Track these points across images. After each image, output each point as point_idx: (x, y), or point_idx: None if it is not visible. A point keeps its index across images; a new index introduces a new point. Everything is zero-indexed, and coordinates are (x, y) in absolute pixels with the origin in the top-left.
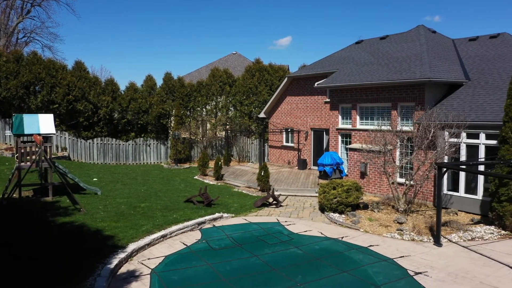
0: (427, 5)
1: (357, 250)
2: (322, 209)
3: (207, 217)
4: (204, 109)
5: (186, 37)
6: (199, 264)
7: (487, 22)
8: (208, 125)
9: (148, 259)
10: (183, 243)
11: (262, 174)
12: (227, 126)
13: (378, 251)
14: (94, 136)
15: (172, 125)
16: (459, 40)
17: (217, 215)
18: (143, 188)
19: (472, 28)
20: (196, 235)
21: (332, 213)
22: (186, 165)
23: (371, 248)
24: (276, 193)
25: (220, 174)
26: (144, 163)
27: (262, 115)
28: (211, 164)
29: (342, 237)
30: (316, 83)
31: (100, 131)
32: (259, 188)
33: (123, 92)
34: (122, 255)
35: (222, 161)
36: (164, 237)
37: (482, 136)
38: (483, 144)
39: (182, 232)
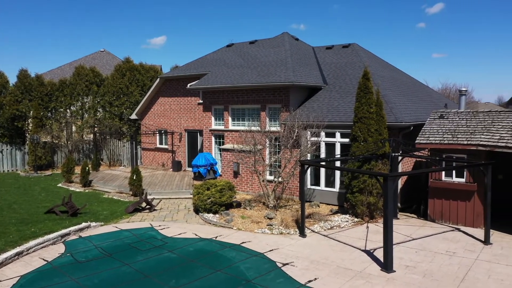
0: (293, 13)
1: (230, 248)
2: (197, 210)
3: (72, 228)
4: (68, 110)
5: (46, 32)
6: (62, 281)
7: (341, 32)
8: (74, 128)
9: None
10: (43, 259)
11: (134, 178)
12: (96, 128)
13: (250, 247)
14: None
15: (30, 128)
16: (318, 48)
17: (83, 224)
18: None
19: (330, 37)
20: (59, 249)
21: (207, 214)
22: (48, 172)
23: (243, 245)
24: (149, 197)
25: (87, 180)
26: None
27: (134, 116)
28: (78, 169)
29: (216, 237)
30: (188, 85)
31: None
32: (131, 193)
33: None
34: None
35: (90, 166)
36: (19, 254)
37: (338, 135)
38: (338, 142)
39: (43, 247)
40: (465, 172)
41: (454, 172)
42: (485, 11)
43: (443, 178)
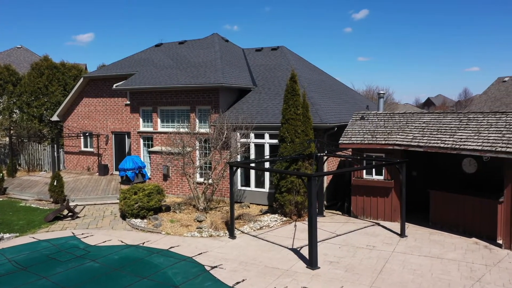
0: (226, 14)
1: (158, 253)
2: (124, 216)
3: None
4: None
5: None
6: None
7: (272, 34)
8: None
9: None
10: None
11: (55, 183)
12: (12, 131)
13: (179, 251)
14: None
15: None
16: (248, 50)
17: None
18: None
19: (262, 38)
20: None
21: (134, 219)
22: None
23: (171, 249)
24: (72, 203)
25: (2, 187)
26: None
27: (55, 118)
28: None
29: (144, 243)
30: (115, 85)
31: None
32: (52, 200)
33: None
34: None
35: (5, 171)
36: None
37: (267, 136)
38: (267, 143)
39: None
40: (383, 170)
41: (373, 170)
42: (407, 14)
43: (364, 176)
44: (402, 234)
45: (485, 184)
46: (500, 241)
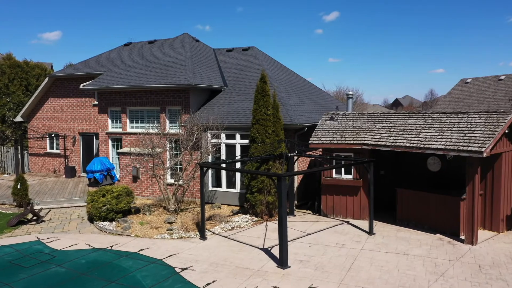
0: (198, 14)
1: (126, 257)
2: (92, 219)
3: None
4: None
5: None
6: None
7: (244, 35)
8: None
9: None
10: None
11: (19, 186)
12: None
13: (148, 254)
14: None
15: None
16: (219, 50)
17: None
18: None
19: (234, 39)
20: None
21: (102, 222)
22: None
23: (141, 252)
24: (37, 207)
25: None
26: None
27: (19, 119)
28: None
29: (112, 246)
30: (82, 85)
31: None
32: (15, 203)
33: None
34: None
35: None
36: None
37: (238, 136)
38: (238, 143)
39: None
40: (352, 170)
41: (343, 170)
42: (377, 15)
43: (334, 175)
44: (370, 232)
45: (451, 183)
46: (462, 237)
